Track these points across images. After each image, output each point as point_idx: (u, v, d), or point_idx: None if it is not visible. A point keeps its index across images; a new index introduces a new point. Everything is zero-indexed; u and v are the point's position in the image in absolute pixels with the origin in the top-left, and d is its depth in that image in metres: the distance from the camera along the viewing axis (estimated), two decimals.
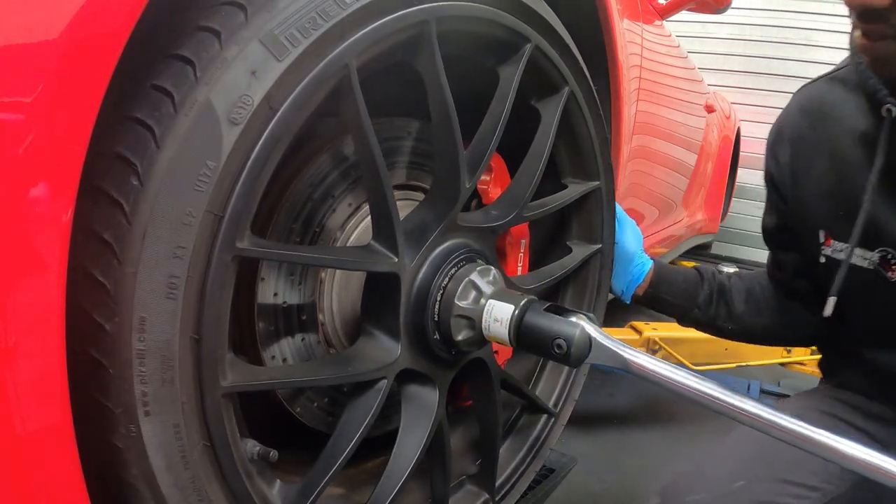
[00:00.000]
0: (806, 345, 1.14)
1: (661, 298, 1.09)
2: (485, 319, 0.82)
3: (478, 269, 0.84)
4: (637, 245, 1.01)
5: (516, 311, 0.80)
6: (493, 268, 0.86)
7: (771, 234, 1.06)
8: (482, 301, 0.82)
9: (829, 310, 0.89)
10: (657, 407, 2.21)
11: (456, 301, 0.80)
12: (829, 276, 0.94)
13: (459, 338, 0.82)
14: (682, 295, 1.06)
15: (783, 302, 1.05)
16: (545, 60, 0.93)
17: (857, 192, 0.86)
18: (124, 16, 0.47)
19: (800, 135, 0.97)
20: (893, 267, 0.88)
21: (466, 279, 0.82)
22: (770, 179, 1.03)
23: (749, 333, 1.08)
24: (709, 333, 1.12)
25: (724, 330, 1.08)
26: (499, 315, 0.81)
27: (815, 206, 0.95)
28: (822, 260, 0.96)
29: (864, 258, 0.90)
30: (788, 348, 2.21)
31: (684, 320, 1.11)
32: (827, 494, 0.85)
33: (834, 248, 0.93)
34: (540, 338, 0.80)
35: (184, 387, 0.56)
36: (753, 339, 1.10)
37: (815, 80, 1.04)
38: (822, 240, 0.95)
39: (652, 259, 1.00)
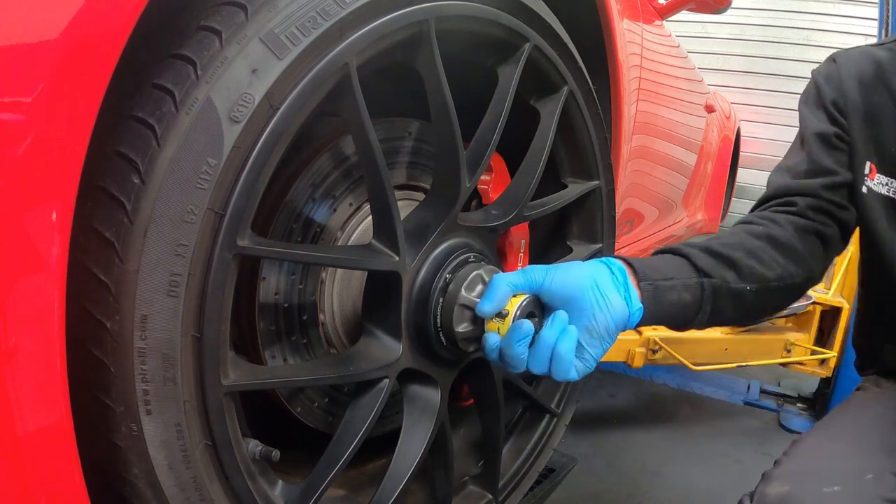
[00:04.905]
0: (815, 283, 1.07)
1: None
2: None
3: (482, 267, 0.84)
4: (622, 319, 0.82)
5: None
6: (494, 266, 0.86)
7: (828, 140, 1.02)
8: None
9: None
10: (657, 407, 2.21)
11: (462, 292, 0.81)
12: (868, 210, 0.98)
13: (460, 329, 0.81)
14: (681, 317, 0.90)
15: (793, 239, 0.98)
16: (544, 60, 0.93)
17: None
18: (124, 16, 0.47)
19: (865, 74, 1.01)
20: None
21: (475, 272, 0.82)
22: (833, 104, 1.02)
23: (767, 290, 0.94)
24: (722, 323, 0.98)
25: (744, 298, 0.92)
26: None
27: (871, 140, 0.99)
28: (864, 190, 0.99)
29: None
30: (788, 347, 2.21)
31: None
32: None
33: (878, 181, 0.98)
34: None
35: (185, 385, 0.56)
36: (770, 295, 0.96)
37: (854, 48, 1.08)
38: (867, 171, 0.98)
39: (641, 304, 0.82)
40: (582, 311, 0.77)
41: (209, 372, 0.57)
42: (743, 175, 4.55)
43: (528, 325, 0.75)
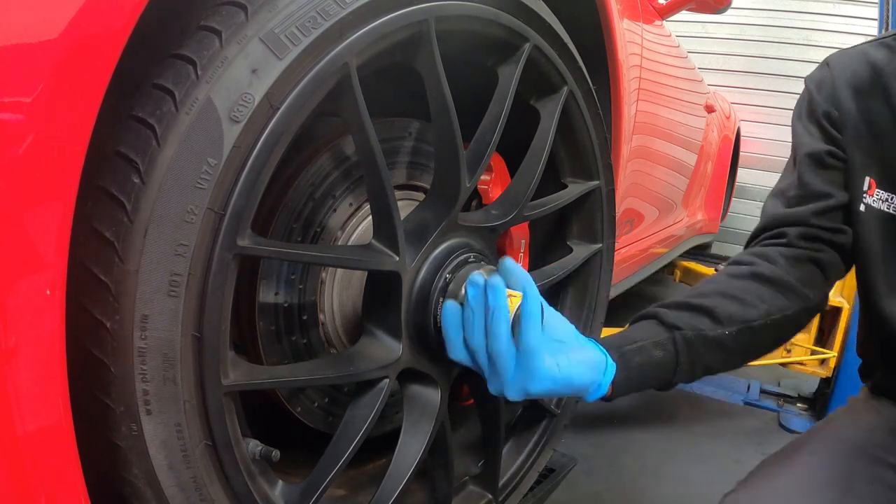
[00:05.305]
0: (816, 310, 1.01)
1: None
2: None
3: (482, 266, 0.84)
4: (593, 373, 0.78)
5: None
6: (493, 266, 0.86)
7: (820, 161, 0.97)
8: None
9: None
10: (657, 407, 2.21)
11: (462, 292, 0.80)
12: (864, 229, 0.93)
13: None
14: (657, 376, 0.87)
15: (781, 272, 0.95)
16: (544, 60, 0.93)
17: None
18: (124, 16, 0.47)
19: (861, 80, 0.95)
20: None
21: (474, 273, 0.82)
22: (826, 117, 0.97)
23: (750, 330, 0.90)
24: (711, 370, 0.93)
25: (724, 343, 0.89)
26: None
27: (869, 153, 0.93)
28: (862, 208, 0.94)
29: None
30: (788, 348, 2.21)
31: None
32: None
33: (877, 197, 0.93)
34: None
35: (185, 385, 0.56)
36: (756, 334, 0.91)
37: (850, 48, 1.02)
38: (865, 187, 0.94)
39: (614, 362, 0.81)
40: (564, 342, 0.77)
41: (209, 372, 0.57)
42: (743, 175, 4.55)
43: (498, 279, 0.73)
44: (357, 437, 0.74)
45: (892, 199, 0.92)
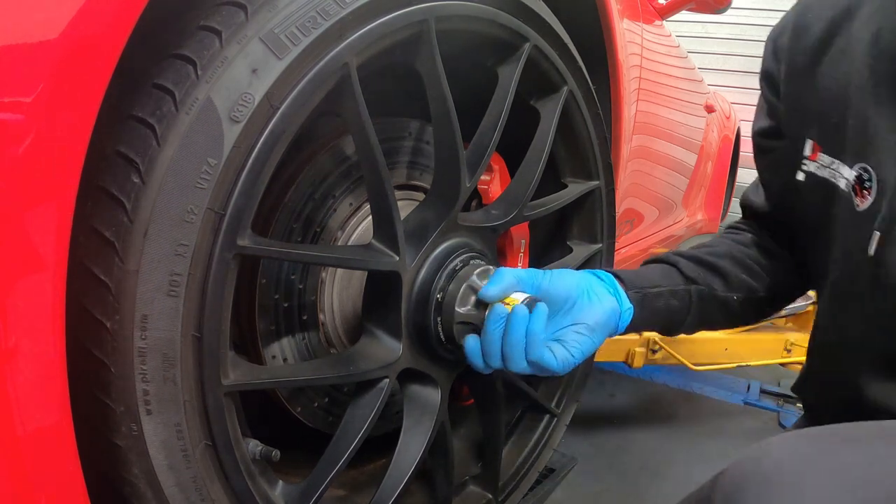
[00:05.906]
0: (802, 291, 1.00)
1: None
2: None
3: (476, 270, 0.83)
4: (611, 316, 0.82)
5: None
6: (492, 268, 0.86)
7: (761, 146, 0.92)
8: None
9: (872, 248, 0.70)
10: (657, 407, 2.21)
11: (456, 308, 0.81)
12: (807, 201, 0.82)
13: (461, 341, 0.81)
14: (670, 321, 0.90)
15: (774, 247, 0.95)
16: (544, 60, 0.93)
17: (862, 98, 0.72)
18: (124, 16, 0.47)
19: (823, 23, 0.80)
20: (865, 191, 0.72)
21: (465, 284, 0.82)
22: (768, 77, 0.88)
23: (755, 299, 0.92)
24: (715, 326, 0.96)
25: (730, 306, 0.91)
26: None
27: (811, 109, 0.80)
28: (801, 177, 0.82)
29: (843, 177, 0.75)
30: (788, 347, 2.21)
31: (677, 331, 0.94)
32: None
33: (820, 163, 0.79)
34: None
35: (185, 385, 0.56)
36: (758, 304, 0.94)
37: None
38: (807, 152, 0.81)
39: (631, 305, 0.84)
40: (573, 305, 0.80)
41: (209, 372, 0.57)
42: (743, 175, 4.55)
43: (502, 307, 0.77)
44: (357, 437, 0.74)
45: (833, 164, 0.77)
